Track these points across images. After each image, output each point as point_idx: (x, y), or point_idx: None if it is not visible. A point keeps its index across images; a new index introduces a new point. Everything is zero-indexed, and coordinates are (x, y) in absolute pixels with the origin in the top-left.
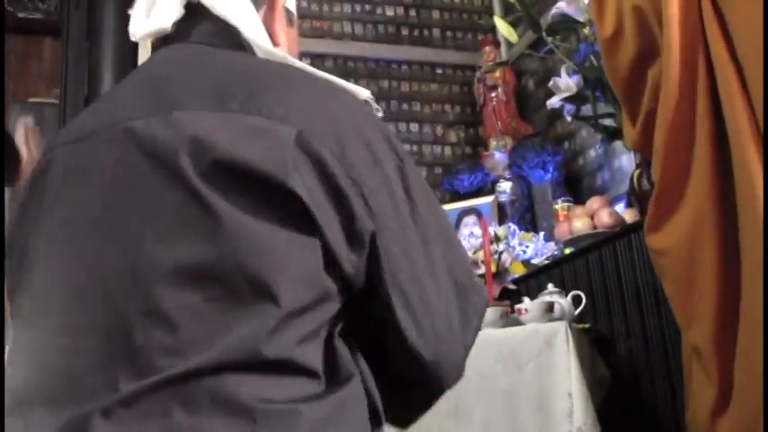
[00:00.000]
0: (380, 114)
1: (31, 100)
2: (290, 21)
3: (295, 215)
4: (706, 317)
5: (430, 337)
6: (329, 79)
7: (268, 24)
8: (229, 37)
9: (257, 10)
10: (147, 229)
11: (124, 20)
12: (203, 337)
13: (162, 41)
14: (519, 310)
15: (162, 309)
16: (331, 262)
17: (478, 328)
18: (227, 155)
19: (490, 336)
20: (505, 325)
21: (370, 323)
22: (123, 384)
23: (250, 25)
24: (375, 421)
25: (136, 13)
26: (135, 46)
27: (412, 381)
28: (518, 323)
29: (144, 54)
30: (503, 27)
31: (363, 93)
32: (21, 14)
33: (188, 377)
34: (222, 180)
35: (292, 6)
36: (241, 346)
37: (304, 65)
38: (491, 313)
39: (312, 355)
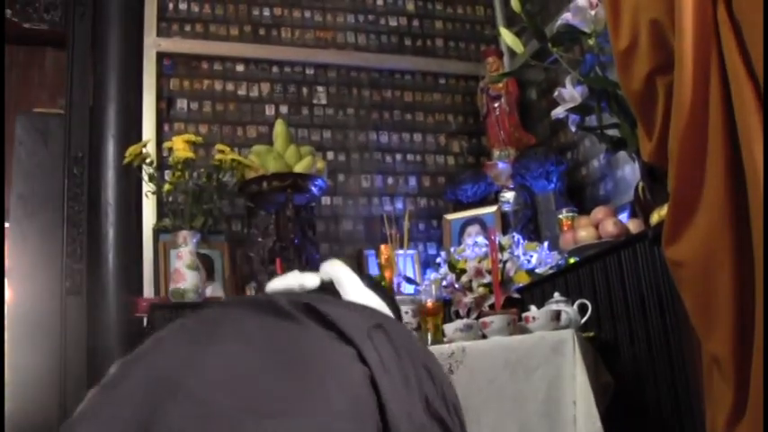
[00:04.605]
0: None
1: (37, 110)
2: None
3: None
4: (725, 327)
5: None
6: None
7: None
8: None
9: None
10: None
11: (128, 31)
12: None
13: None
14: (527, 318)
15: None
16: None
17: None
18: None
19: (498, 343)
20: (513, 332)
21: None
22: None
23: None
24: None
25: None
26: (140, 57)
27: None
28: (525, 331)
29: (149, 66)
30: (508, 37)
31: None
32: (26, 25)
33: None
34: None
35: None
36: None
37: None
38: (499, 320)
39: None
